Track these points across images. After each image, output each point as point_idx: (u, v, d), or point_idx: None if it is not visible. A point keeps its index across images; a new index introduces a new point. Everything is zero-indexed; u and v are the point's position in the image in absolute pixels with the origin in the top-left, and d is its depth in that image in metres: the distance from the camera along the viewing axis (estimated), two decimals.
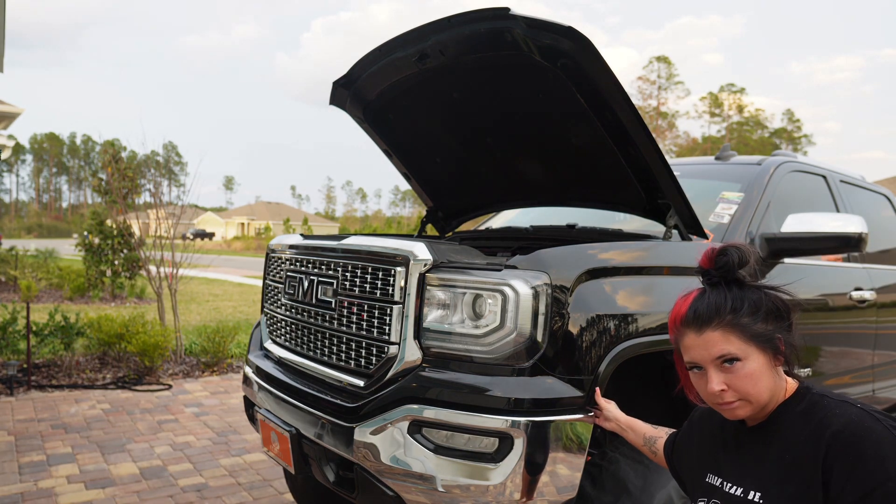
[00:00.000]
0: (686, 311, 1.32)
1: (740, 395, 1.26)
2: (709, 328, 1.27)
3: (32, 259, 16.44)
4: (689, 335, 1.31)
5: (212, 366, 6.43)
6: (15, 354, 5.93)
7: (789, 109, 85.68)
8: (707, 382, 1.29)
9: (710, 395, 1.29)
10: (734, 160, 3.34)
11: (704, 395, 1.32)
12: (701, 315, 1.29)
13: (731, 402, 1.27)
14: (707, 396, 1.31)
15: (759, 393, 1.26)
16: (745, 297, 1.29)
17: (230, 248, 49.66)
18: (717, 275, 1.33)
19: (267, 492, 3.52)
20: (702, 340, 1.28)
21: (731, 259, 1.30)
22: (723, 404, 1.29)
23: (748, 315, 1.27)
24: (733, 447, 1.39)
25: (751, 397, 1.26)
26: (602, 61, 2.02)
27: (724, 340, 1.26)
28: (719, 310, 1.27)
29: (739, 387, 1.26)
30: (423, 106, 2.80)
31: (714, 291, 1.31)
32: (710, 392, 1.28)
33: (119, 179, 9.42)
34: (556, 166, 2.77)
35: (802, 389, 1.33)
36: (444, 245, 2.09)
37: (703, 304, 1.30)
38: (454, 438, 1.81)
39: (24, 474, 3.63)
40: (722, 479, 1.37)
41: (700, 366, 1.30)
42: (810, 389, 1.32)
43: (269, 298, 2.75)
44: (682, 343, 1.33)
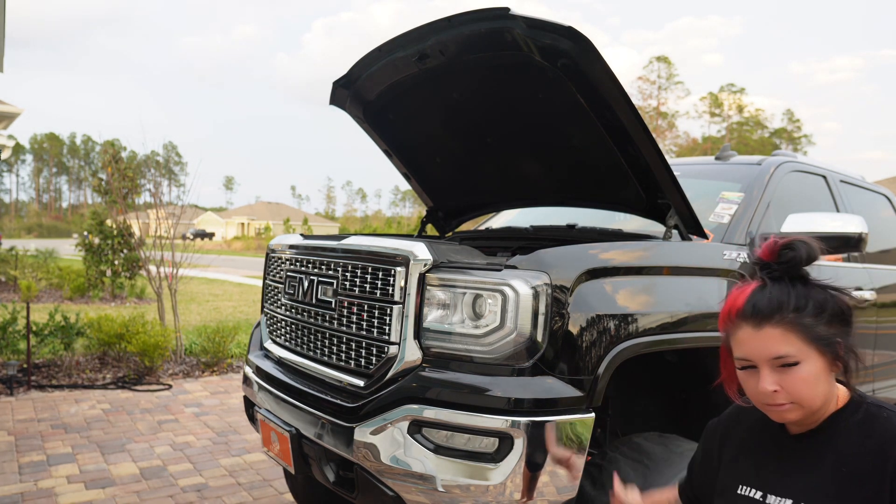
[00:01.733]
0: (744, 303, 1.21)
1: (793, 398, 1.18)
2: (768, 324, 1.17)
3: (32, 259, 16.43)
4: (744, 329, 1.20)
5: (212, 366, 6.43)
6: (15, 354, 5.93)
7: (789, 109, 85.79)
8: (758, 381, 1.20)
9: (760, 395, 1.20)
10: (734, 160, 3.34)
11: (752, 393, 1.23)
12: (761, 309, 1.18)
13: (781, 405, 1.18)
14: (755, 395, 1.22)
15: (813, 398, 1.18)
16: (809, 295, 1.19)
17: (230, 248, 49.67)
18: (780, 269, 1.22)
19: (267, 492, 3.52)
20: (759, 337, 1.18)
21: (799, 255, 1.20)
22: (772, 405, 1.20)
23: (812, 315, 1.17)
24: (773, 455, 1.29)
25: (804, 402, 1.18)
26: (602, 61, 2.02)
27: (784, 340, 1.16)
28: (782, 306, 1.17)
29: (793, 390, 1.17)
30: (423, 106, 2.80)
31: (776, 286, 1.20)
32: (762, 391, 1.19)
33: (119, 179, 9.42)
34: (556, 166, 2.77)
35: (856, 399, 1.24)
36: (444, 245, 2.09)
37: (763, 297, 1.20)
38: (454, 438, 1.81)
39: (24, 474, 3.63)
40: (762, 490, 1.27)
41: (752, 363, 1.20)
42: (864, 399, 1.24)
43: (269, 298, 2.75)
44: (736, 337, 1.23)
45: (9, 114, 12.38)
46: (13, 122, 13.06)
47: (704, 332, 2.21)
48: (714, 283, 2.35)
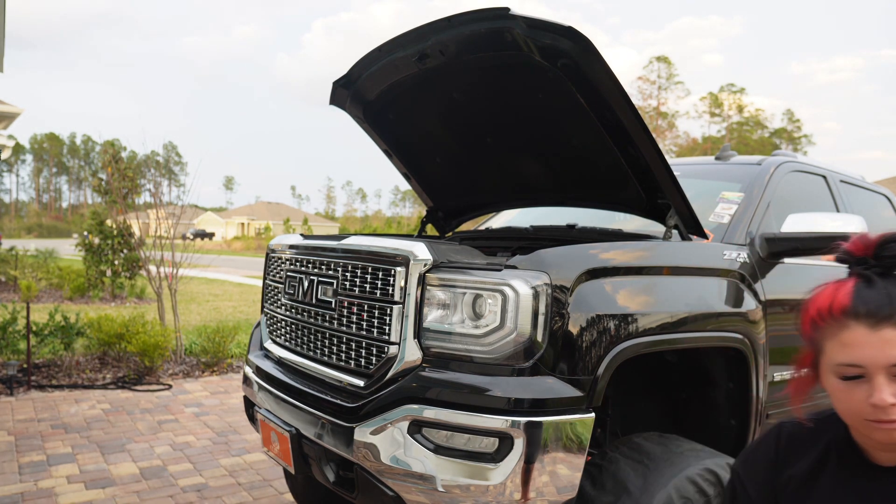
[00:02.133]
0: (851, 300, 1.05)
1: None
2: (888, 325, 1.01)
3: (32, 259, 16.43)
4: (856, 330, 1.03)
5: (212, 366, 6.43)
6: (15, 354, 5.93)
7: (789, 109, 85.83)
8: (869, 392, 1.02)
9: (868, 410, 1.03)
10: (734, 160, 3.34)
11: (856, 407, 1.05)
12: (880, 308, 1.02)
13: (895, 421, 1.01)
14: (860, 410, 1.04)
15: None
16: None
17: (230, 248, 49.67)
18: (884, 263, 1.08)
19: (267, 492, 3.52)
20: (878, 339, 1.01)
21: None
22: (885, 422, 1.02)
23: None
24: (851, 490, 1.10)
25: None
26: (602, 61, 2.02)
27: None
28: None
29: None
30: (423, 106, 2.80)
31: (887, 282, 1.06)
32: (878, 403, 1.01)
33: (119, 179, 9.42)
34: (557, 166, 2.77)
35: None
36: (444, 245, 2.09)
37: (878, 294, 1.04)
38: (454, 438, 1.81)
39: (24, 474, 3.63)
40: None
41: (861, 372, 1.03)
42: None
43: (269, 298, 2.75)
44: (841, 339, 1.05)
45: (9, 114, 12.38)
46: (13, 122, 13.06)
47: (704, 332, 2.22)
48: (714, 284, 2.35)
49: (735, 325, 2.32)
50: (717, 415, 2.45)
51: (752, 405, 2.38)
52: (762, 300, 2.50)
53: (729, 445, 2.42)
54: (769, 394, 2.52)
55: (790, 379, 1.18)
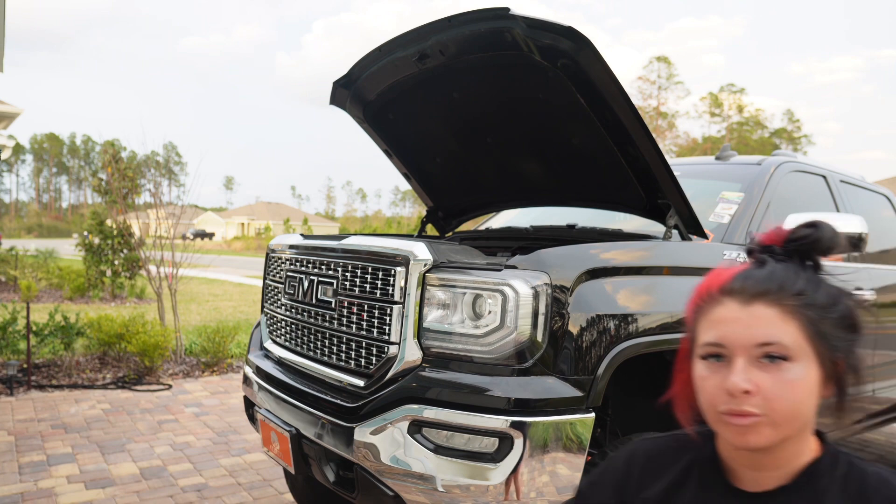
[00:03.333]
0: (732, 277, 0.93)
1: (770, 406, 0.85)
2: (762, 301, 0.88)
3: (32, 259, 16.43)
4: (726, 305, 0.90)
5: (212, 366, 6.43)
6: (15, 354, 5.93)
7: (789, 109, 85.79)
8: (724, 376, 0.88)
9: (722, 397, 0.88)
10: (734, 160, 3.35)
11: (711, 395, 0.89)
12: (756, 284, 0.90)
13: (749, 415, 0.86)
14: (715, 398, 0.89)
15: (794, 416, 0.86)
16: (821, 283, 0.92)
17: (230, 248, 49.66)
18: (791, 248, 0.94)
19: (267, 492, 3.52)
20: (746, 314, 0.88)
21: (822, 234, 0.93)
22: (736, 416, 0.86)
23: (821, 306, 0.89)
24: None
25: (780, 417, 0.85)
26: (602, 61, 2.03)
27: (778, 324, 0.87)
28: (784, 284, 0.89)
29: (774, 394, 0.85)
30: (423, 106, 2.80)
31: (780, 265, 0.93)
32: (730, 387, 0.86)
33: (119, 179, 9.41)
34: (557, 166, 2.77)
35: (832, 447, 0.95)
36: (444, 245, 2.09)
37: (760, 273, 0.91)
38: (454, 438, 1.81)
39: (24, 474, 3.63)
40: None
41: (721, 353, 0.89)
42: (838, 447, 0.96)
43: (269, 298, 2.75)
44: (711, 315, 0.92)
45: (9, 114, 12.38)
46: (13, 122, 13.06)
47: None
48: None
49: None
50: None
51: None
52: None
53: None
54: None
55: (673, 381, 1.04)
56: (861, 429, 3.47)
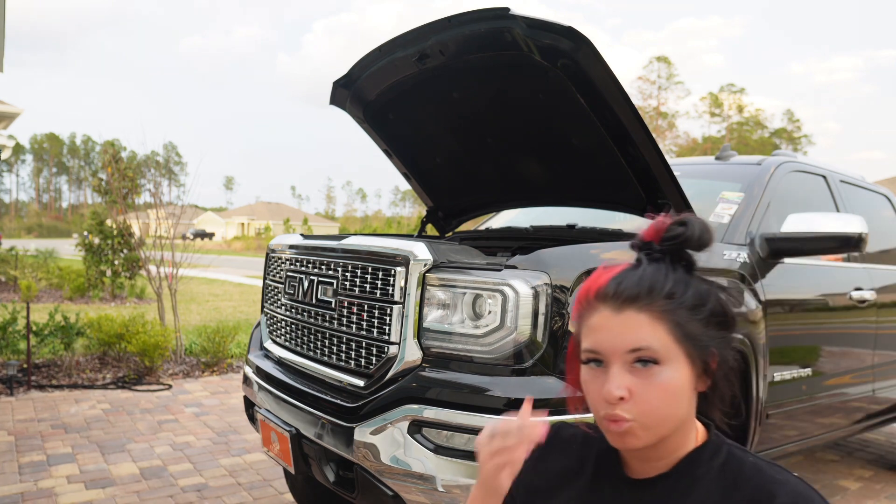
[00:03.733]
0: (606, 281, 0.96)
1: (641, 413, 0.90)
2: (632, 308, 0.92)
3: (32, 259, 16.43)
4: (601, 312, 0.94)
5: (212, 366, 6.43)
6: (15, 354, 5.93)
7: (789, 109, 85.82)
8: (603, 383, 0.92)
9: (601, 403, 0.92)
10: (734, 160, 3.34)
11: (593, 400, 0.94)
12: (626, 289, 0.93)
13: (623, 421, 0.90)
14: (597, 404, 0.93)
15: (666, 418, 0.91)
16: (690, 283, 0.96)
17: (230, 248, 49.66)
18: (663, 248, 0.99)
19: (267, 492, 3.51)
20: (618, 321, 0.92)
21: (691, 232, 0.97)
22: (612, 422, 0.91)
23: (688, 307, 0.93)
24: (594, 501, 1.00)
25: (652, 420, 0.90)
26: (602, 61, 2.02)
27: (648, 329, 0.91)
28: (653, 288, 0.93)
29: (645, 399, 0.90)
30: (423, 106, 2.80)
31: (652, 266, 0.97)
32: (606, 396, 0.91)
33: (119, 179, 9.42)
34: (556, 166, 2.77)
35: (716, 438, 1.00)
36: (444, 245, 2.09)
37: (633, 276, 0.95)
38: (454, 438, 1.81)
39: (24, 474, 3.63)
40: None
41: (600, 358, 0.93)
42: (724, 439, 1.00)
43: (269, 298, 2.75)
44: (588, 322, 0.96)
45: (9, 114, 12.38)
46: (13, 122, 13.06)
47: None
48: None
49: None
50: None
51: (752, 405, 2.38)
52: (762, 300, 2.50)
53: None
54: (769, 394, 2.52)
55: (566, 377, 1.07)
56: (861, 429, 3.47)
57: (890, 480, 3.99)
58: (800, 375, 2.76)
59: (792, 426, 2.81)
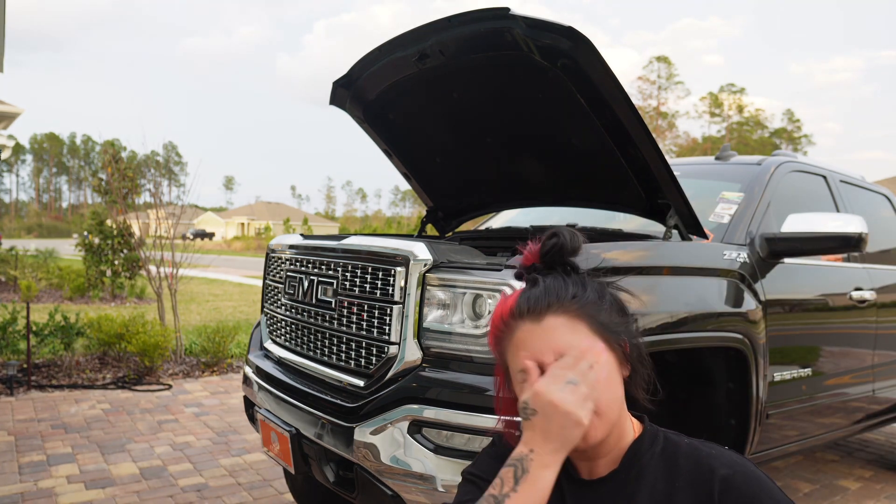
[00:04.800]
0: (516, 301, 1.03)
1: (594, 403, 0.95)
2: (549, 313, 0.99)
3: (32, 259, 16.42)
4: (523, 327, 1.00)
5: (212, 366, 6.43)
6: (15, 354, 5.93)
7: (789, 110, 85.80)
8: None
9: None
10: (734, 160, 3.34)
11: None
12: (538, 299, 1.01)
13: None
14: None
15: (612, 403, 0.98)
16: (586, 283, 1.05)
17: (230, 248, 49.65)
18: (547, 261, 1.07)
19: (267, 492, 3.51)
20: (541, 330, 0.99)
21: (564, 241, 1.06)
22: None
23: (594, 301, 1.02)
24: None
25: (603, 406, 0.96)
26: (602, 61, 2.02)
27: (571, 329, 0.98)
28: (559, 293, 1.01)
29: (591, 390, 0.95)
30: (423, 106, 2.80)
31: (548, 279, 1.05)
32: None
33: (119, 179, 9.41)
34: (556, 166, 2.77)
35: (650, 427, 1.07)
36: (444, 245, 2.09)
37: (537, 290, 1.02)
38: (454, 438, 1.81)
39: (24, 474, 3.63)
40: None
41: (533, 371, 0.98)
42: (657, 427, 1.07)
43: (269, 298, 2.75)
44: (514, 339, 1.01)
45: (9, 114, 12.38)
46: (13, 122, 13.06)
47: (704, 332, 2.22)
48: (714, 284, 2.35)
49: (735, 324, 2.32)
50: (717, 415, 2.44)
51: (752, 405, 2.38)
52: (762, 300, 2.50)
53: (729, 445, 2.41)
54: (769, 394, 2.52)
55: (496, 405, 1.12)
56: (861, 429, 3.47)
57: (890, 480, 3.99)
58: (800, 375, 2.76)
59: (792, 426, 2.81)
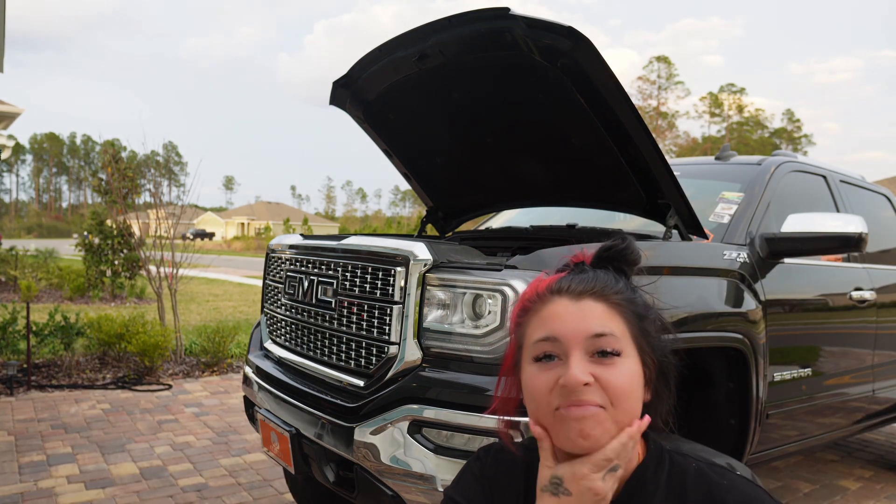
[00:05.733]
0: (556, 279, 0.96)
1: (611, 396, 0.86)
2: (590, 297, 0.91)
3: (32, 259, 16.42)
4: (559, 302, 0.92)
5: (212, 366, 6.43)
6: (15, 354, 5.93)
7: (789, 109, 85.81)
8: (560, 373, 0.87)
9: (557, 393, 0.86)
10: (734, 160, 3.34)
11: (543, 395, 0.88)
12: (583, 280, 0.93)
13: (590, 404, 0.85)
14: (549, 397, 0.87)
15: (630, 410, 0.87)
16: (636, 290, 0.98)
17: (230, 248, 49.65)
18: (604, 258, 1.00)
19: (267, 492, 3.51)
20: (577, 308, 0.90)
21: (632, 247, 1.00)
22: (575, 406, 0.85)
23: (640, 305, 0.95)
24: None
25: (622, 409, 0.86)
26: (602, 61, 2.02)
27: (609, 316, 0.90)
28: (607, 285, 0.93)
29: (611, 385, 0.86)
30: (423, 106, 2.80)
31: (598, 271, 0.98)
32: (568, 382, 0.85)
33: (119, 179, 9.42)
34: (557, 166, 2.76)
35: (654, 446, 0.96)
36: (444, 245, 2.09)
37: (585, 275, 0.96)
38: (454, 438, 1.81)
39: (24, 474, 3.63)
40: None
41: (553, 352, 0.89)
42: (661, 445, 0.97)
43: (269, 298, 2.75)
44: (543, 311, 0.93)
45: (9, 114, 12.37)
46: (13, 122, 13.05)
47: (704, 332, 2.21)
48: (714, 284, 2.35)
49: (735, 325, 2.32)
50: (717, 415, 2.44)
51: (752, 405, 2.38)
52: (762, 300, 2.50)
53: (729, 445, 2.42)
54: (769, 394, 2.52)
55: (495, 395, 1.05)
56: (861, 429, 3.47)
57: (890, 480, 3.99)
58: (800, 375, 2.76)
59: (792, 426, 2.81)
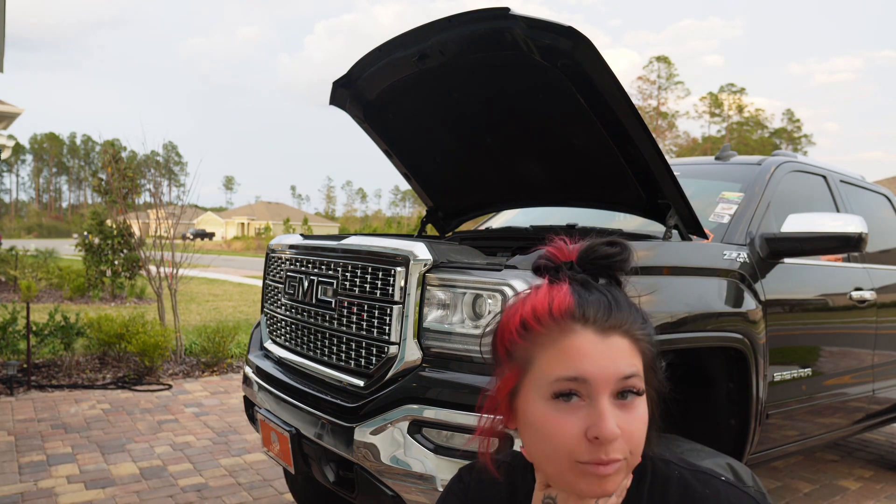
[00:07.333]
0: (574, 301, 0.80)
1: (631, 448, 0.78)
2: (617, 333, 0.79)
3: (32, 259, 16.42)
4: (584, 336, 0.79)
5: (212, 366, 6.43)
6: (15, 354, 5.93)
7: (789, 110, 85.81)
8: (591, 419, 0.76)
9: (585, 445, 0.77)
10: (734, 160, 3.34)
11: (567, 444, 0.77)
12: (608, 314, 0.80)
13: (615, 462, 0.76)
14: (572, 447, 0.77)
15: (641, 449, 0.81)
16: (647, 319, 0.85)
17: (230, 248, 49.65)
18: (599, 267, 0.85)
19: (267, 492, 3.51)
20: (606, 346, 0.78)
21: (628, 255, 0.85)
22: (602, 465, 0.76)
23: (651, 335, 0.84)
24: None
25: (637, 450, 0.80)
26: (602, 61, 2.02)
27: (634, 354, 0.80)
28: (633, 321, 0.81)
29: (632, 435, 0.78)
30: (423, 106, 2.80)
31: (604, 287, 0.84)
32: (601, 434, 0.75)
33: (119, 179, 9.42)
34: (556, 166, 2.77)
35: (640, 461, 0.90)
36: (444, 245, 2.09)
37: (602, 297, 0.81)
38: (454, 438, 1.81)
39: (24, 474, 3.63)
40: None
41: (580, 390, 0.78)
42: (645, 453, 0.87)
43: (269, 298, 2.75)
44: (566, 346, 0.79)
45: (9, 114, 12.37)
46: (13, 122, 13.05)
47: (704, 332, 2.21)
48: (714, 284, 2.35)
49: (735, 324, 2.32)
50: (717, 415, 2.44)
51: (752, 405, 2.38)
52: (762, 300, 2.50)
53: (729, 445, 2.42)
54: (769, 394, 2.52)
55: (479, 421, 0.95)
56: (861, 429, 3.47)
57: (890, 480, 3.99)
58: (800, 375, 2.76)
59: (792, 426, 2.81)
